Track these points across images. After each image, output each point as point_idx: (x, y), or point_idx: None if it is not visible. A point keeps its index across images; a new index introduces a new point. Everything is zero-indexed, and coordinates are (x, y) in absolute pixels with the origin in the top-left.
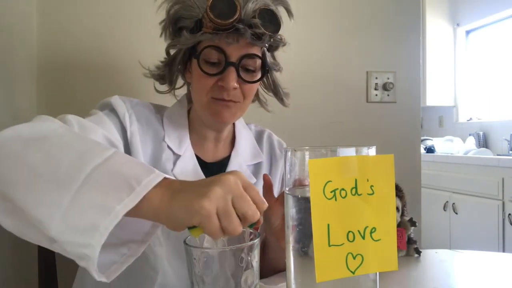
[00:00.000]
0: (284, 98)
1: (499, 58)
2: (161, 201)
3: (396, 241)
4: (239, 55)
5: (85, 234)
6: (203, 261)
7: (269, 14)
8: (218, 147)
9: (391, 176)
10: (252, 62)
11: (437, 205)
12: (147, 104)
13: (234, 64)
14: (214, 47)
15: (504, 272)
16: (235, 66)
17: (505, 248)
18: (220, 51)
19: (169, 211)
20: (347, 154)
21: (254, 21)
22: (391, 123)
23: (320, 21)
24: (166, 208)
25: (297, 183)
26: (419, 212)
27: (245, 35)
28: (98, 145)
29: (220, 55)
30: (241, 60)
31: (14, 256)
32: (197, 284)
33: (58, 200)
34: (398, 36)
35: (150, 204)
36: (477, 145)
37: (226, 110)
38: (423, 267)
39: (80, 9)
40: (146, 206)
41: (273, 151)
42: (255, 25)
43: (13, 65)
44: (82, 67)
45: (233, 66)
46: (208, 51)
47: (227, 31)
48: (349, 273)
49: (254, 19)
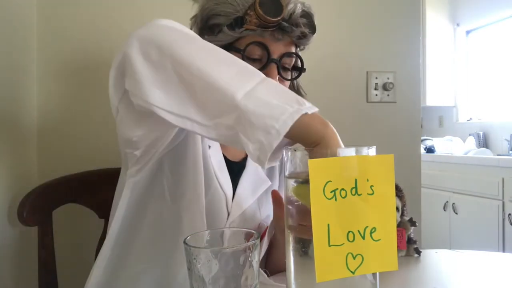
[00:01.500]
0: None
1: (499, 58)
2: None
3: (396, 241)
4: (280, 52)
5: (275, 109)
6: (203, 261)
7: (310, 16)
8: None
9: (391, 176)
10: (290, 60)
11: (437, 205)
12: None
13: (276, 60)
14: (259, 44)
15: (504, 272)
16: (277, 63)
17: (505, 248)
18: (264, 47)
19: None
20: (347, 154)
21: (298, 21)
22: (391, 123)
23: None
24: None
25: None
26: (419, 212)
27: (291, 34)
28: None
29: (263, 52)
30: (282, 58)
31: (14, 256)
32: (197, 284)
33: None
34: (398, 36)
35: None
36: (477, 145)
37: None
38: (423, 267)
39: (80, 9)
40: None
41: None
42: (299, 25)
43: (13, 65)
44: (82, 65)
45: (275, 62)
46: (252, 47)
47: (271, 28)
48: (349, 273)
49: (299, 19)
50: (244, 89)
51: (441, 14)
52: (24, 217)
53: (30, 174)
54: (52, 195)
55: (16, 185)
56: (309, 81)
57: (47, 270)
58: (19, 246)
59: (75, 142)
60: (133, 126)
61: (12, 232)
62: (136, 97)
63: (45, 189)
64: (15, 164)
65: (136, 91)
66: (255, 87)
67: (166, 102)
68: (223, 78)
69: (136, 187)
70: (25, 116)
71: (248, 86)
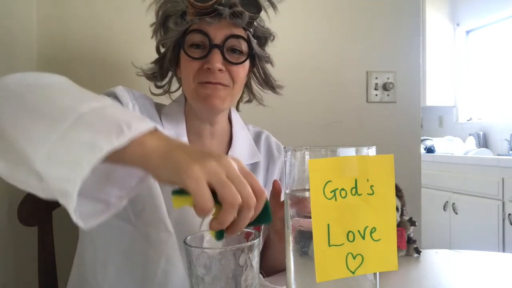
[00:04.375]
0: (276, 88)
1: (499, 58)
2: (154, 150)
3: (396, 241)
4: (222, 36)
5: (68, 167)
6: (203, 261)
7: None
8: (214, 145)
9: (391, 176)
10: (236, 42)
11: (437, 205)
12: (149, 98)
13: (218, 46)
14: (197, 31)
15: (504, 272)
16: (219, 48)
17: (505, 248)
18: (203, 34)
19: (159, 162)
20: (347, 154)
21: (233, 1)
22: (391, 123)
23: (320, 21)
24: (157, 157)
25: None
26: (419, 212)
27: (223, 14)
28: (100, 96)
29: (204, 38)
30: (225, 42)
31: (14, 256)
32: (197, 284)
33: (47, 135)
34: (398, 36)
35: (142, 149)
36: (477, 145)
37: (215, 93)
38: (423, 267)
39: (80, 9)
40: (138, 151)
41: (270, 152)
42: (233, 5)
43: (13, 64)
44: (82, 65)
45: (217, 47)
46: (191, 35)
47: (209, 15)
48: (349, 273)
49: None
50: (42, 149)
51: (441, 14)
52: (24, 217)
53: None
54: None
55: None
56: (309, 81)
57: (47, 270)
58: (19, 246)
59: None
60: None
61: (12, 232)
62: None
63: None
64: None
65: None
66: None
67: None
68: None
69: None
70: None
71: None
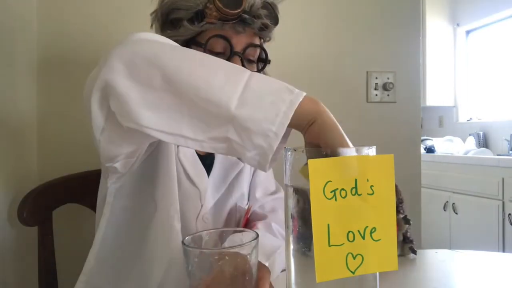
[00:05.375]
0: None
1: (499, 58)
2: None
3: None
4: (243, 45)
5: (270, 110)
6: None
7: (271, 7)
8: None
9: (391, 176)
10: (254, 52)
11: (437, 205)
12: None
13: (239, 53)
14: (221, 37)
15: (504, 272)
16: (240, 56)
17: (505, 248)
18: (226, 40)
19: (331, 121)
20: (347, 154)
21: (259, 12)
22: (391, 123)
23: (320, 21)
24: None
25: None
26: (419, 212)
27: (253, 25)
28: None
29: (226, 45)
30: (246, 50)
31: (14, 256)
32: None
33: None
34: (398, 36)
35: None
36: (477, 145)
37: None
38: (423, 267)
39: (80, 9)
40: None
41: None
42: (260, 16)
43: (13, 64)
44: (82, 65)
45: (238, 55)
46: (214, 40)
47: (232, 21)
48: (349, 273)
49: (259, 10)
50: (236, 94)
51: (441, 14)
52: (24, 217)
53: (30, 174)
54: (52, 195)
55: (16, 185)
56: (309, 80)
57: (47, 270)
58: (19, 246)
59: (75, 142)
60: (121, 144)
61: (12, 232)
62: (124, 119)
63: (45, 189)
64: (15, 164)
65: (125, 113)
66: (245, 87)
67: (157, 122)
68: (214, 88)
69: (118, 193)
70: (25, 116)
71: (239, 89)
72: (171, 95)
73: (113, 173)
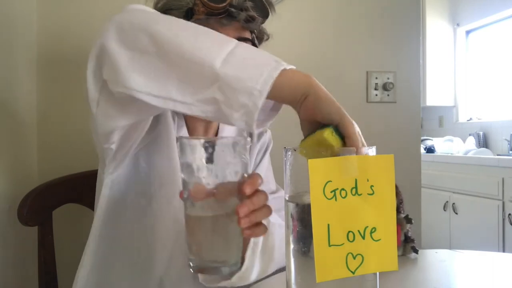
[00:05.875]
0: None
1: (499, 58)
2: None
3: (396, 241)
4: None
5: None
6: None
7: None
8: None
9: (391, 176)
10: None
11: (437, 205)
12: None
13: None
14: None
15: (504, 272)
16: None
17: (505, 248)
18: None
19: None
20: (347, 154)
21: (246, 5)
22: (391, 123)
23: (320, 21)
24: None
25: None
26: (419, 212)
27: (238, 18)
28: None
29: None
30: None
31: (14, 256)
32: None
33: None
34: (398, 36)
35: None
36: (477, 145)
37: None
38: (423, 267)
39: (80, 8)
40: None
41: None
42: (247, 9)
43: (13, 65)
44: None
45: None
46: None
47: (219, 15)
48: (349, 273)
49: (246, 3)
50: (220, 56)
51: (441, 14)
52: (24, 217)
53: (30, 174)
54: (52, 195)
55: (16, 185)
56: None
57: (47, 270)
58: (19, 246)
59: (75, 142)
60: (116, 116)
61: (12, 232)
62: (114, 84)
63: (45, 189)
64: (15, 164)
65: (114, 78)
66: (231, 52)
67: (146, 85)
68: (200, 50)
69: (115, 184)
70: (25, 116)
71: (224, 53)
72: (160, 58)
73: (110, 160)
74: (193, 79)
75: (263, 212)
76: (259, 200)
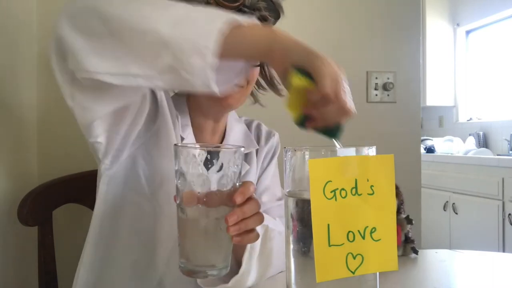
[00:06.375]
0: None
1: (499, 58)
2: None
3: (396, 241)
4: None
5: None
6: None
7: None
8: (214, 141)
9: (391, 176)
10: None
11: (437, 205)
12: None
13: None
14: None
15: (504, 272)
16: None
17: (505, 248)
18: None
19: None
20: (347, 154)
21: (258, 5)
22: (391, 123)
23: (320, 21)
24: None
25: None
26: (419, 212)
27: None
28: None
29: None
30: None
31: (14, 256)
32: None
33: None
34: (398, 36)
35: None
36: (477, 145)
37: (232, 93)
38: (423, 267)
39: None
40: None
41: (259, 140)
42: (259, 9)
43: (13, 64)
44: None
45: None
46: None
47: None
48: (349, 273)
49: (259, 3)
50: (168, 20)
51: (441, 14)
52: (24, 217)
53: (30, 174)
54: (52, 195)
55: (16, 185)
56: None
57: (47, 270)
58: (19, 246)
59: (75, 142)
60: (93, 107)
61: (12, 232)
62: (78, 71)
63: (45, 189)
64: (15, 164)
65: (77, 64)
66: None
67: (104, 65)
68: (146, 18)
69: (112, 181)
70: (25, 116)
71: (171, 16)
72: (112, 36)
73: (103, 155)
74: (146, 49)
75: (254, 220)
76: (250, 209)
